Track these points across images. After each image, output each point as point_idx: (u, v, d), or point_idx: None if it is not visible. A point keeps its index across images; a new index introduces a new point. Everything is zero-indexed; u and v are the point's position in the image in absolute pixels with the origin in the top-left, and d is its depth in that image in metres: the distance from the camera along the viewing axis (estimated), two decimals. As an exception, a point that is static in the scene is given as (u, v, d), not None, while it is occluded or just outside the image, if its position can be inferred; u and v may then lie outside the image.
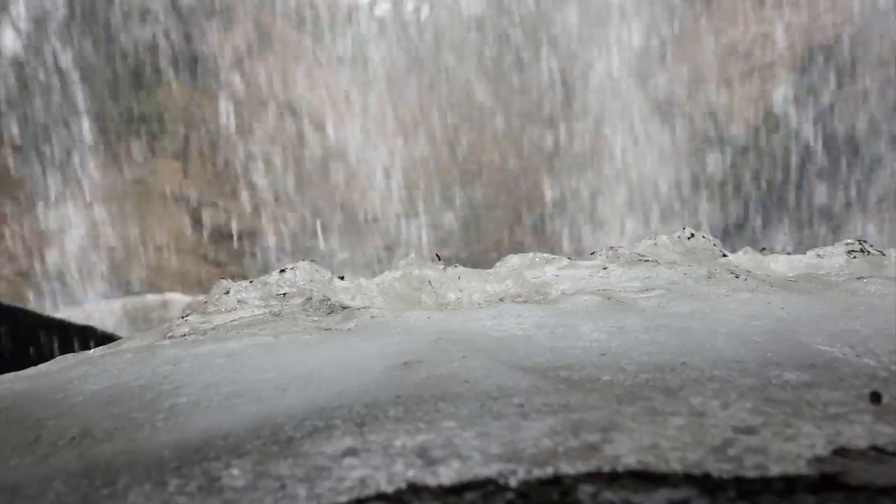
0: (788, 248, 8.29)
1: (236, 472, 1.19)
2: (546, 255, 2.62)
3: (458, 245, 9.72)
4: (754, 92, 9.15)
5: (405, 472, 1.14)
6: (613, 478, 1.07)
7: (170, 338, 2.14)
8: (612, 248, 2.63)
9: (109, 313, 7.82)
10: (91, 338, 4.66)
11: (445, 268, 2.54)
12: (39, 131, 8.55)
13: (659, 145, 9.39)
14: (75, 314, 7.31)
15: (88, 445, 1.40)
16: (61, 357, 2.10)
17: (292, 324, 2.12)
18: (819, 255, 2.66)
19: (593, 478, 1.07)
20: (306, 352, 1.83)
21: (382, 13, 10.25)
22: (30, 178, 8.63)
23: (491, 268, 2.61)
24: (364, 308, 2.22)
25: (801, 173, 8.75)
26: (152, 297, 8.33)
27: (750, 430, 1.22)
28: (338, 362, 1.71)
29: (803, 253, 2.74)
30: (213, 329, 2.16)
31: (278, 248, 9.46)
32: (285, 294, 2.36)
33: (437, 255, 2.57)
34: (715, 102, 9.32)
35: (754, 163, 9.08)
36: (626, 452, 1.15)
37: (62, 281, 8.43)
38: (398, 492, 1.08)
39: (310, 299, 2.29)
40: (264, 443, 1.30)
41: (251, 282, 2.44)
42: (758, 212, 9.01)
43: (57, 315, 6.73)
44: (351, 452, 1.22)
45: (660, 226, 9.15)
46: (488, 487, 1.07)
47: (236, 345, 1.92)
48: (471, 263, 2.68)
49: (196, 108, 9.50)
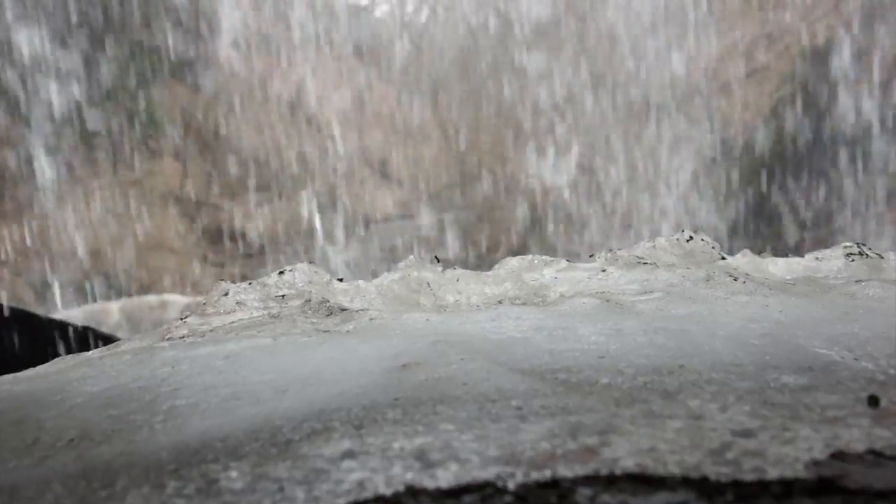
0: (787, 250, 8.30)
1: (234, 474, 1.19)
2: (545, 258, 2.62)
3: (458, 246, 9.72)
4: (754, 93, 9.16)
5: (403, 475, 1.14)
6: (611, 481, 1.07)
7: (168, 339, 2.14)
8: (610, 250, 2.64)
9: (108, 314, 7.81)
10: (89, 339, 4.66)
11: (444, 270, 2.54)
12: (38, 131, 8.54)
13: (658, 146, 9.40)
14: (74, 315, 7.31)
15: (87, 447, 1.40)
16: (60, 359, 2.10)
17: (291, 326, 2.12)
18: (817, 258, 2.66)
19: (591, 481, 1.07)
20: (305, 354, 1.83)
21: (382, 14, 10.26)
22: (28, 178, 8.62)
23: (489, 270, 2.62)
24: (363, 310, 2.22)
25: (800, 174, 8.76)
26: (151, 299, 8.33)
27: (748, 434, 1.23)
28: (336, 364, 1.71)
29: (802, 256, 2.74)
30: (211, 331, 2.16)
31: (277, 250, 9.46)
32: (284, 296, 2.36)
33: (435, 258, 2.57)
34: (714, 104, 9.33)
35: (753, 164, 9.09)
36: (623, 455, 1.15)
37: (60, 282, 8.43)
38: (396, 494, 1.08)
39: (308, 301, 2.29)
40: (263, 445, 1.30)
41: (250, 283, 2.44)
42: (757, 214, 9.01)
43: (55, 316, 6.72)
44: (349, 455, 1.22)
45: (658, 228, 9.16)
46: (486, 490, 1.07)
47: (235, 346, 1.92)
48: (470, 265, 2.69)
49: (195, 108, 9.51)
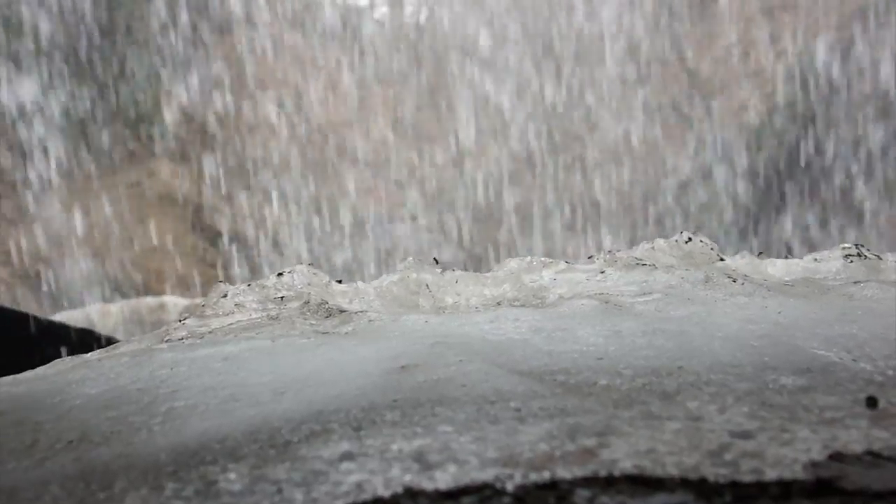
0: (786, 252, 8.30)
1: (233, 476, 1.19)
2: (543, 259, 2.62)
3: (457, 248, 9.72)
4: (753, 92, 9.17)
5: (402, 477, 1.14)
6: (610, 482, 1.07)
7: (167, 341, 2.13)
8: (609, 251, 2.63)
9: (107, 316, 7.81)
10: (88, 341, 4.66)
11: (443, 271, 2.54)
12: (38, 133, 8.54)
13: (656, 148, 9.41)
14: (73, 317, 7.30)
15: (85, 449, 1.40)
16: (58, 360, 2.10)
17: (290, 327, 2.12)
18: (816, 260, 2.66)
19: (590, 482, 1.08)
20: (303, 355, 1.83)
21: (381, 16, 10.27)
22: (27, 180, 8.63)
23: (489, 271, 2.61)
24: (361, 312, 2.22)
25: (799, 176, 8.76)
26: (150, 300, 8.32)
27: (746, 435, 1.23)
28: (335, 366, 1.71)
29: (800, 257, 2.74)
30: (210, 332, 2.16)
31: (277, 251, 9.45)
32: (283, 297, 2.36)
33: (434, 259, 2.57)
34: (713, 105, 9.34)
35: (752, 165, 9.09)
36: (622, 457, 1.15)
37: (59, 284, 8.42)
38: (395, 496, 1.08)
39: (307, 303, 2.29)
40: (261, 447, 1.30)
41: (249, 285, 2.44)
42: (756, 215, 9.02)
43: (54, 318, 6.72)
44: (348, 457, 1.22)
45: (654, 229, 9.16)
46: (485, 492, 1.07)
47: (233, 348, 1.92)
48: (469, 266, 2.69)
49: (195, 110, 9.51)
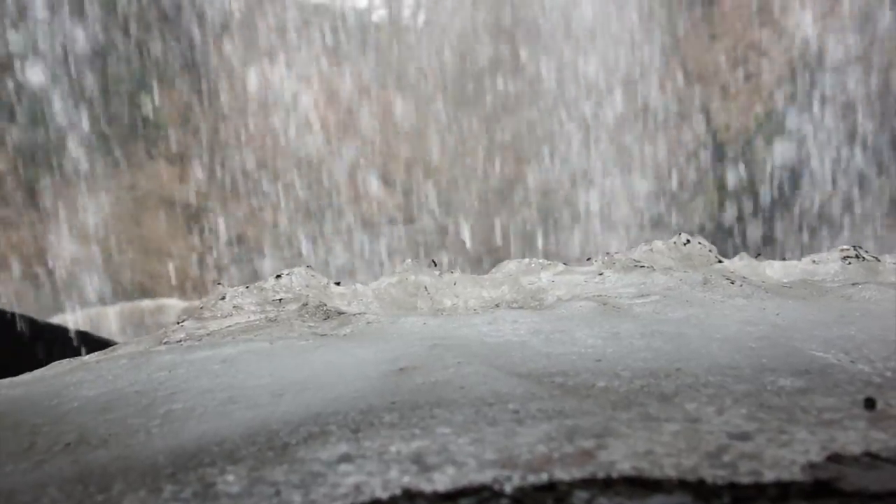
0: (784, 253, 8.31)
1: (231, 478, 1.19)
2: (542, 261, 2.62)
3: (455, 249, 9.72)
4: (751, 97, 9.18)
5: (400, 479, 1.14)
6: (608, 484, 1.07)
7: (165, 343, 2.13)
8: (607, 253, 2.64)
9: (105, 318, 7.80)
10: (87, 343, 4.65)
11: (441, 273, 2.54)
12: (38, 135, 8.54)
13: (655, 150, 9.42)
14: (71, 319, 7.30)
15: (83, 451, 1.39)
16: (56, 363, 2.10)
17: (288, 329, 2.12)
18: (814, 261, 2.67)
19: (588, 484, 1.08)
20: (302, 357, 1.83)
21: (380, 19, 10.28)
22: (27, 182, 8.62)
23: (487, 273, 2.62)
24: (360, 314, 2.22)
25: (798, 178, 8.78)
26: (148, 303, 8.32)
27: (744, 436, 1.23)
28: (333, 368, 1.71)
29: (799, 259, 2.74)
30: (208, 335, 2.16)
31: (275, 253, 9.45)
32: (281, 299, 2.36)
33: (433, 261, 2.57)
34: (711, 107, 9.35)
35: (751, 167, 9.11)
36: (620, 458, 1.16)
37: (58, 286, 8.42)
38: (393, 498, 1.08)
39: (306, 305, 2.29)
40: (259, 449, 1.30)
41: (247, 287, 2.44)
42: (754, 217, 9.03)
43: (52, 320, 6.71)
44: (346, 458, 1.22)
45: (654, 232, 9.17)
46: (483, 494, 1.07)
47: (232, 350, 1.92)
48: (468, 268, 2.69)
49: (194, 112, 9.51)
